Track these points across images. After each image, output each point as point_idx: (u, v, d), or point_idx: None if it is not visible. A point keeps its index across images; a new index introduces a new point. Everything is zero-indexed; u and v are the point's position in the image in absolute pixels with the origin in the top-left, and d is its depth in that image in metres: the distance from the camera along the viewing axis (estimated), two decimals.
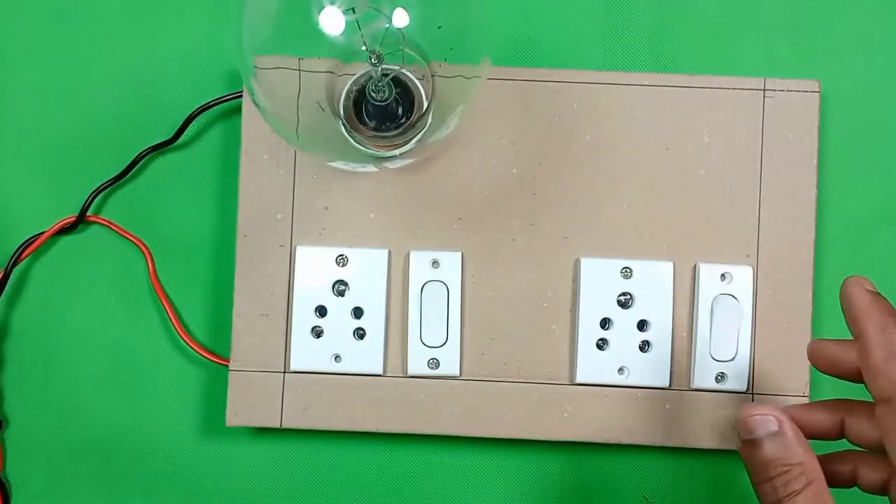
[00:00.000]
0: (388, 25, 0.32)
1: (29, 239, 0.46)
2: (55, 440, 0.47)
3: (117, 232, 0.46)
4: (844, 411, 0.35)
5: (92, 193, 0.46)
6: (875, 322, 0.32)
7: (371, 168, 0.39)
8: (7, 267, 0.45)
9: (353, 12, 0.32)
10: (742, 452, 0.34)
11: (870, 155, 0.47)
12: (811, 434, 0.34)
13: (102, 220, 0.47)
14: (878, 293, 0.33)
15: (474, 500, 0.46)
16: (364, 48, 0.34)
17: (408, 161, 0.38)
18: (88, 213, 0.46)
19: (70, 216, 0.46)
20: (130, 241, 0.46)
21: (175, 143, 0.47)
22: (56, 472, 0.47)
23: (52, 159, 0.48)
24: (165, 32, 0.48)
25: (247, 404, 0.43)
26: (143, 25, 0.48)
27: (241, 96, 0.45)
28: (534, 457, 0.46)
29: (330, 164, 0.38)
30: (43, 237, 0.46)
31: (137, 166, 0.47)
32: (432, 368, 0.43)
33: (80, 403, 0.47)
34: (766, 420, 0.33)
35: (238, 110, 0.45)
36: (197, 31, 0.48)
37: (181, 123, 0.46)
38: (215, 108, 0.46)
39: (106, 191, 0.47)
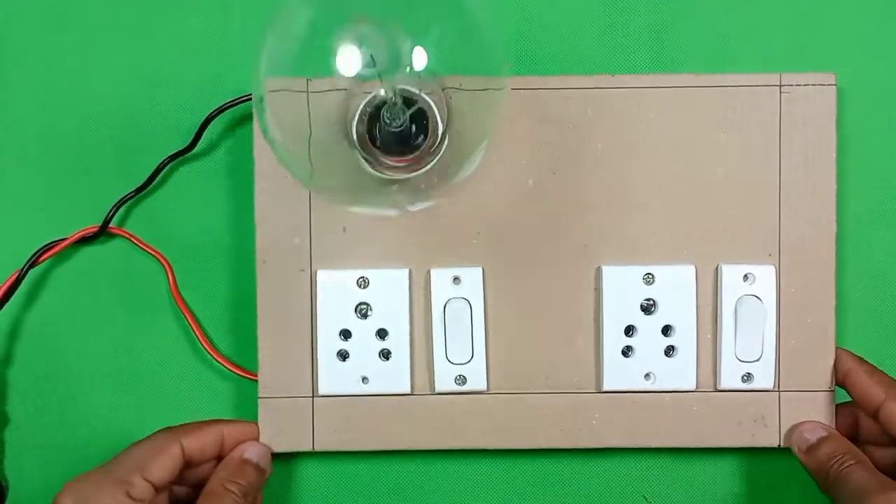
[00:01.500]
0: (407, 70, 0.32)
1: (49, 244, 0.46)
2: (68, 455, 0.47)
3: (138, 245, 0.46)
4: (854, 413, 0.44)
5: (115, 205, 0.46)
6: None
7: (393, 212, 0.38)
8: (23, 268, 0.45)
9: (374, 62, 0.31)
10: (805, 460, 0.42)
11: (884, 149, 0.46)
12: None
13: (125, 232, 0.47)
14: None
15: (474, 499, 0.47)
16: (382, 93, 0.33)
17: (429, 203, 0.37)
18: (111, 225, 0.46)
19: (92, 226, 0.46)
20: (151, 254, 0.46)
21: (193, 151, 0.47)
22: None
23: (74, 170, 0.47)
24: (171, 39, 0.47)
25: (278, 430, 0.44)
26: (149, 34, 0.47)
27: (251, 98, 0.45)
28: (534, 457, 0.47)
29: (351, 209, 0.38)
30: (63, 244, 0.46)
31: (158, 177, 0.47)
32: (460, 385, 0.43)
33: (98, 419, 0.47)
34: (815, 427, 0.43)
35: (250, 114, 0.45)
36: (203, 38, 0.47)
37: (196, 130, 0.46)
38: (229, 111, 0.46)
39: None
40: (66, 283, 0.47)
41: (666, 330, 0.44)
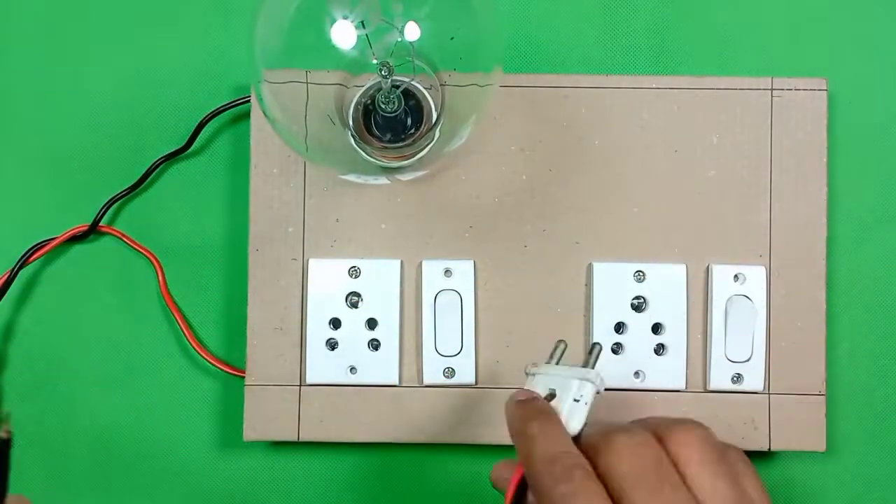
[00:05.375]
0: (399, 39, 0.33)
1: (39, 243, 0.46)
2: (59, 453, 0.47)
3: (129, 244, 0.47)
4: None
5: (106, 204, 0.46)
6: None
7: (383, 180, 0.39)
8: (14, 268, 0.45)
9: (364, 26, 0.32)
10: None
11: (873, 154, 0.47)
12: None
13: (115, 231, 0.47)
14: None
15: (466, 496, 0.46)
16: (374, 61, 0.34)
17: (420, 173, 0.38)
18: (101, 224, 0.47)
19: (82, 225, 0.46)
20: (142, 253, 0.47)
21: (187, 151, 0.47)
22: (63, 488, 0.47)
23: (64, 169, 0.48)
24: (169, 41, 0.48)
25: (264, 418, 0.43)
26: (148, 34, 0.48)
27: (249, 101, 0.45)
28: None
29: (342, 176, 0.38)
30: (53, 243, 0.46)
31: (150, 176, 0.47)
32: (448, 377, 0.43)
33: (89, 418, 0.47)
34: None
35: (247, 115, 0.45)
36: (200, 39, 0.48)
37: (192, 131, 0.46)
38: (225, 113, 0.47)
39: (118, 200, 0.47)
40: (58, 282, 0.47)
41: (656, 328, 0.43)
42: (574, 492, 0.26)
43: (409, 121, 0.39)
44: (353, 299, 0.44)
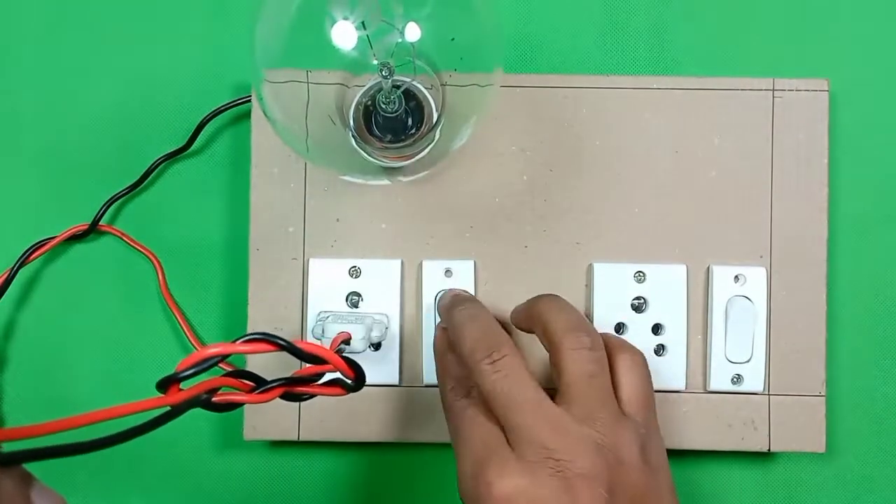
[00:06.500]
0: (399, 40, 0.33)
1: (39, 242, 0.46)
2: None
3: (128, 243, 0.47)
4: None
5: (106, 203, 0.46)
6: None
7: (384, 181, 0.39)
8: (13, 267, 0.45)
9: (364, 27, 0.32)
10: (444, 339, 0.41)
11: (874, 154, 0.47)
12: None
13: (114, 230, 0.47)
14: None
15: None
16: (375, 62, 0.34)
17: (421, 174, 0.38)
18: (101, 223, 0.47)
19: (82, 224, 0.46)
20: (142, 252, 0.47)
21: (188, 151, 0.47)
22: (62, 488, 0.47)
23: (64, 168, 0.48)
24: (170, 40, 0.48)
25: (264, 418, 0.44)
26: (149, 34, 0.48)
27: (249, 101, 0.45)
28: None
29: (343, 177, 0.38)
30: (53, 242, 0.46)
31: (151, 176, 0.47)
32: None
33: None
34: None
35: (247, 115, 0.45)
36: (200, 39, 0.48)
37: (193, 130, 0.46)
38: (225, 113, 0.47)
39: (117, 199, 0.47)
40: (58, 282, 0.47)
41: (656, 328, 0.43)
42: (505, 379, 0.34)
43: (410, 121, 0.39)
44: (354, 299, 0.44)
